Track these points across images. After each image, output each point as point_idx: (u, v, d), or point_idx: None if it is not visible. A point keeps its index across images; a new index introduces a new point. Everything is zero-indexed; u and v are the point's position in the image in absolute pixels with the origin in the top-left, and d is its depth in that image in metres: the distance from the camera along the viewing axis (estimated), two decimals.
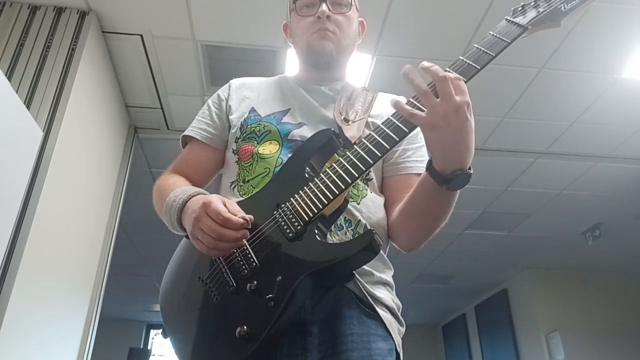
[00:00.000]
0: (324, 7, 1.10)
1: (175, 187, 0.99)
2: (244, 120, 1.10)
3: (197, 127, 1.15)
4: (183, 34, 2.72)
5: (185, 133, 1.16)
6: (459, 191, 0.88)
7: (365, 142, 0.86)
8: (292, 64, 2.90)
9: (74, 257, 2.53)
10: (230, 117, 1.13)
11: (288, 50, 2.82)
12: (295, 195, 0.87)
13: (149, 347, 8.15)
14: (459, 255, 5.54)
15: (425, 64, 0.81)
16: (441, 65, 0.82)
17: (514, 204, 4.47)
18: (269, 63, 2.94)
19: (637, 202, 4.32)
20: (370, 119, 1.08)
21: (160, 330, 0.89)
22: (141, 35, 2.72)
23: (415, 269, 5.78)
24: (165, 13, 2.60)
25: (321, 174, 0.88)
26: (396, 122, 0.84)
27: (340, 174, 0.85)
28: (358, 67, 2.95)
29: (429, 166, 0.86)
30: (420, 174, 1.02)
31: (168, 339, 0.89)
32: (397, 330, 0.96)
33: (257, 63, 2.95)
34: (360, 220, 0.97)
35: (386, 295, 0.97)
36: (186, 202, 0.92)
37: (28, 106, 2.20)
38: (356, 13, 1.18)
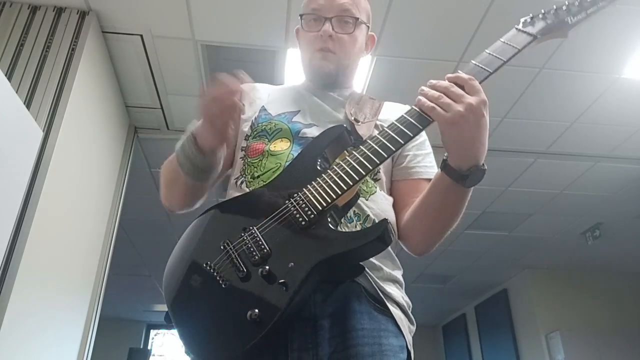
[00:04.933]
0: (327, 26, 1.11)
1: None
2: (255, 118, 1.12)
3: None
4: (183, 34, 2.72)
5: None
6: (472, 189, 0.91)
7: (379, 137, 0.88)
8: (292, 64, 2.90)
9: (74, 258, 2.53)
10: (242, 116, 1.14)
11: (288, 50, 2.82)
12: (308, 186, 0.89)
13: (149, 347, 8.15)
14: (459, 255, 5.54)
15: (426, 86, 0.86)
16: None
17: (514, 204, 4.47)
18: (269, 63, 2.94)
19: (637, 202, 4.32)
20: (378, 122, 1.10)
21: (164, 316, 0.89)
22: (141, 35, 2.72)
23: (415, 269, 5.78)
24: (165, 13, 2.60)
25: (334, 166, 0.89)
26: (410, 119, 0.87)
27: (353, 166, 0.87)
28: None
29: (444, 164, 0.88)
30: (430, 179, 1.05)
31: (173, 326, 0.88)
32: (407, 328, 0.96)
33: (257, 63, 2.95)
34: (369, 215, 0.98)
35: (396, 292, 0.97)
36: (190, 131, 0.97)
37: (28, 106, 2.20)
38: (364, 30, 1.18)
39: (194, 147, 0.94)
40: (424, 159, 1.12)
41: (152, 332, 8.33)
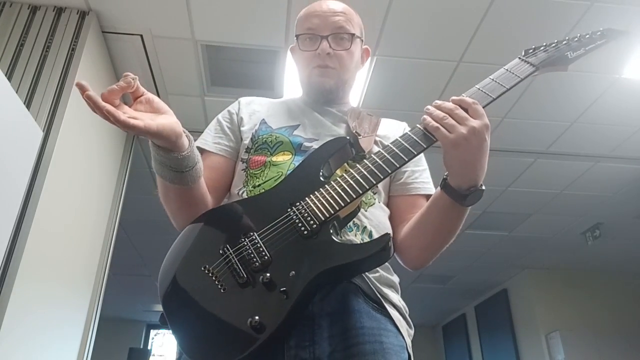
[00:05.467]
0: (324, 44, 1.11)
1: None
2: (255, 131, 1.12)
3: (210, 141, 1.14)
4: (183, 34, 2.72)
5: (197, 145, 1.12)
6: (469, 208, 0.93)
7: (384, 152, 0.90)
8: (292, 64, 2.90)
9: (74, 257, 2.53)
10: (242, 128, 1.15)
11: (288, 50, 2.82)
12: (311, 196, 0.90)
13: (149, 347, 8.16)
14: (459, 255, 5.54)
15: (432, 106, 0.88)
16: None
17: (514, 204, 4.47)
18: (269, 63, 2.94)
19: (637, 202, 4.32)
20: (377, 138, 1.12)
21: (159, 317, 0.88)
22: (141, 35, 2.73)
23: None
24: (165, 13, 2.60)
25: (338, 178, 0.91)
26: (414, 137, 0.89)
27: (357, 179, 0.89)
28: None
29: (444, 184, 0.91)
30: (426, 195, 1.10)
31: (168, 327, 0.87)
32: (406, 331, 0.97)
33: (257, 63, 2.95)
34: (366, 227, 0.99)
35: (393, 294, 0.99)
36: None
37: (28, 106, 2.20)
38: (359, 44, 1.19)
39: (156, 150, 0.92)
40: (421, 174, 1.14)
41: (152, 332, 8.34)
